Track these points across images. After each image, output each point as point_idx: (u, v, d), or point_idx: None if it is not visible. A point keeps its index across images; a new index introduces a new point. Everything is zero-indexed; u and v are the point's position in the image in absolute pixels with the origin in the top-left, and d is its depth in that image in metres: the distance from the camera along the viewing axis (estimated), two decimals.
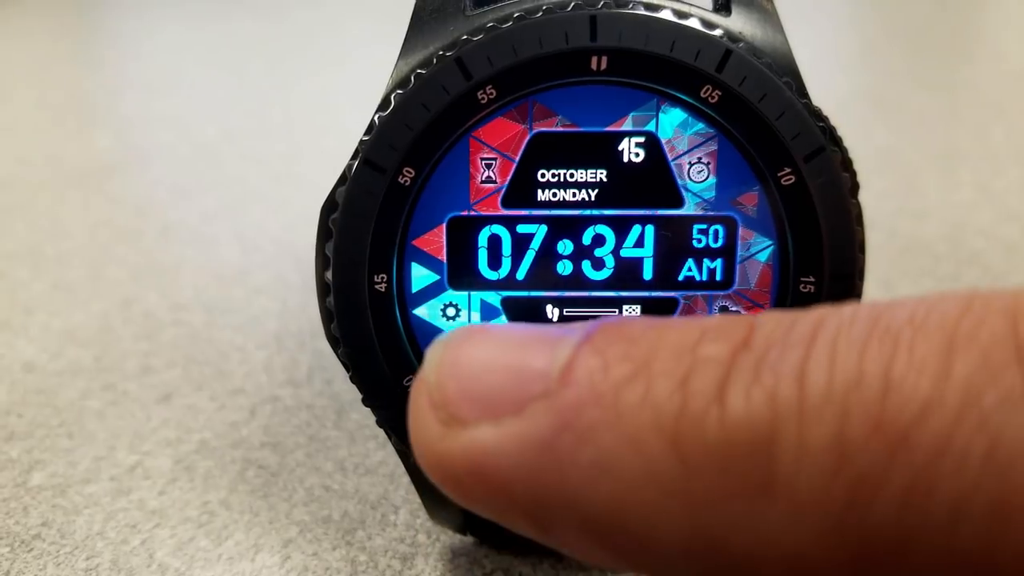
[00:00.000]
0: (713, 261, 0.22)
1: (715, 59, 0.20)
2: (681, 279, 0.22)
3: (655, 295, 0.22)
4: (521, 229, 0.22)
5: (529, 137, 0.21)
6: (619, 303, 0.22)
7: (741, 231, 0.21)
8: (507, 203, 0.21)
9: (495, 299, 0.22)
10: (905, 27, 0.93)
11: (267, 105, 0.69)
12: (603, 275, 0.22)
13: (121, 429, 0.31)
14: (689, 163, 0.21)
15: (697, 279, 0.22)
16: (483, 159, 0.21)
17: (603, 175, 0.21)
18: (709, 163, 0.21)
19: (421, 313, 0.22)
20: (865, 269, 0.21)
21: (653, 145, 0.21)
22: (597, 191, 0.21)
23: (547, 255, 0.22)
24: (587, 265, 0.22)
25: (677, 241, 0.22)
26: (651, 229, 0.21)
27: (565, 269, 0.22)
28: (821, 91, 0.23)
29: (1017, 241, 0.44)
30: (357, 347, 0.21)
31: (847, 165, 0.21)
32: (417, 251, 0.22)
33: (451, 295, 0.22)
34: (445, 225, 0.21)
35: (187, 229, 0.47)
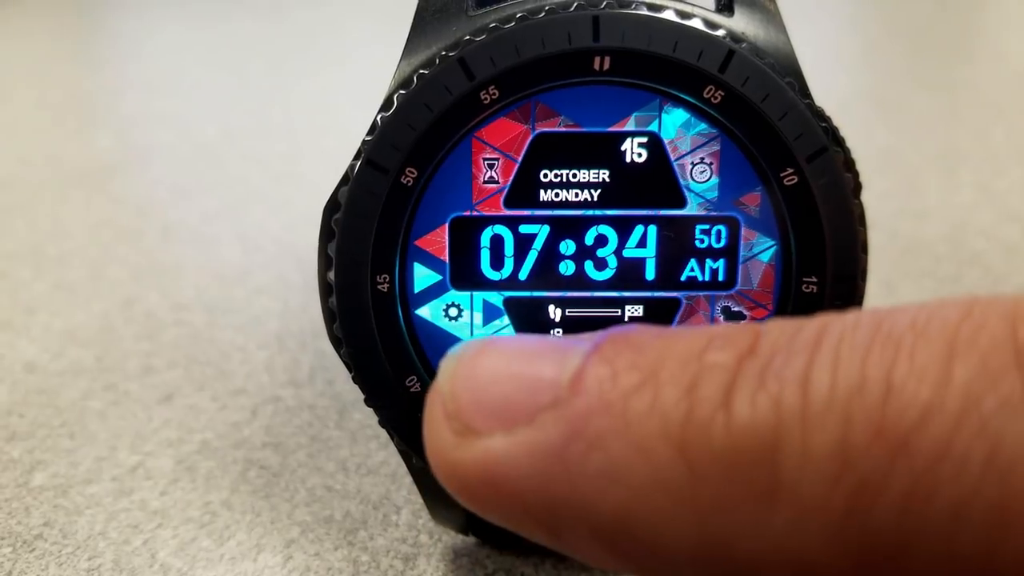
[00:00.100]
0: (716, 261, 0.22)
1: (718, 59, 0.20)
2: (684, 279, 0.22)
3: (657, 295, 0.22)
4: (523, 229, 0.22)
5: (532, 137, 0.21)
6: (621, 303, 0.22)
7: (744, 231, 0.21)
8: (509, 203, 0.21)
9: (497, 299, 0.22)
10: (906, 27, 0.93)
11: (268, 105, 0.69)
12: (606, 275, 0.22)
13: (123, 429, 0.31)
14: (692, 163, 0.21)
15: (700, 279, 0.22)
16: (486, 159, 0.21)
17: (606, 175, 0.21)
18: (712, 163, 0.21)
19: (423, 313, 0.22)
20: (868, 270, 0.21)
21: (656, 145, 0.21)
22: (600, 191, 0.21)
23: (549, 255, 0.22)
24: (589, 265, 0.22)
25: (680, 241, 0.21)
26: (654, 229, 0.21)
27: (568, 269, 0.22)
28: (823, 91, 0.23)
29: (1018, 242, 0.44)
30: (359, 347, 0.21)
31: (850, 166, 0.21)
32: (419, 251, 0.22)
33: (453, 295, 0.22)
34: (447, 225, 0.21)
35: (188, 229, 0.47)
